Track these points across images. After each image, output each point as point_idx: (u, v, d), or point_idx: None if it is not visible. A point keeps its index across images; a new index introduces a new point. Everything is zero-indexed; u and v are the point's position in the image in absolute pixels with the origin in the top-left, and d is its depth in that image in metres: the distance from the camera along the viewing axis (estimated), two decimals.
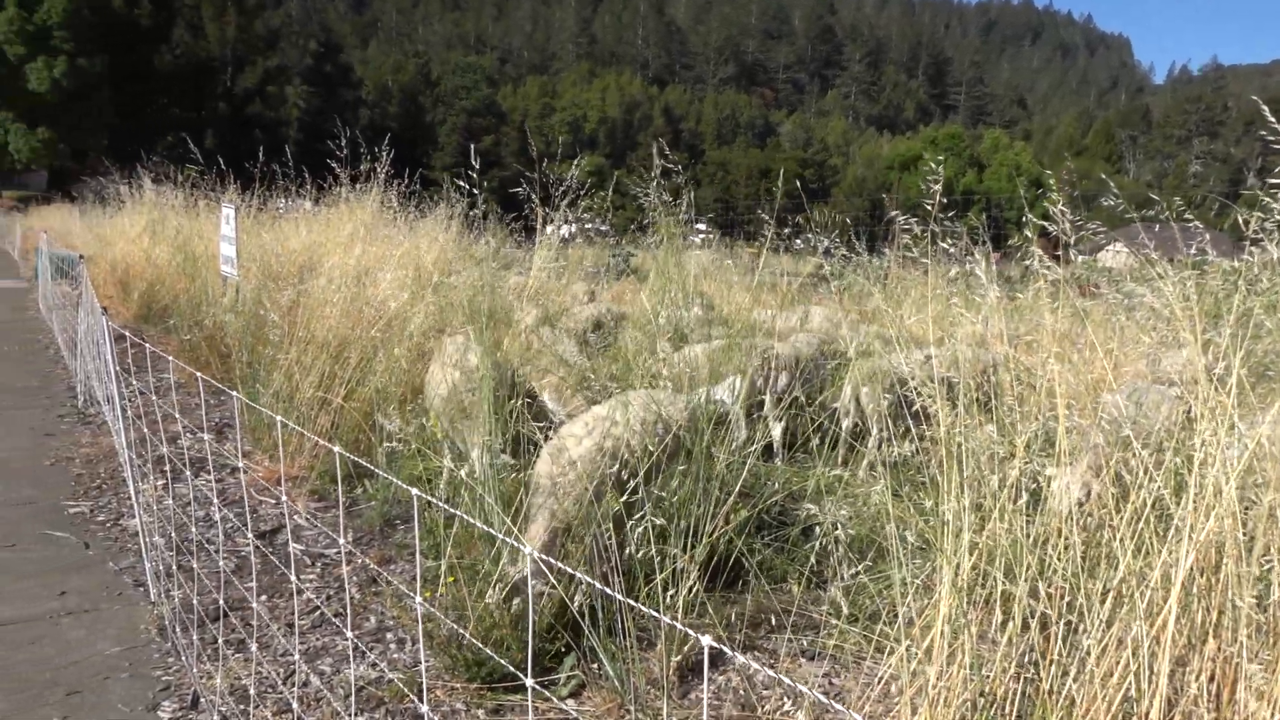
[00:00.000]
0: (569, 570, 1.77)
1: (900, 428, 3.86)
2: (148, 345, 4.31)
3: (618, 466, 3.63)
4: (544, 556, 2.92)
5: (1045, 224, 3.18)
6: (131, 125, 56.81)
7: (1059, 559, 2.29)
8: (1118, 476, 2.54)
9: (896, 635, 2.42)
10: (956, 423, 2.82)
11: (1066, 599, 2.23)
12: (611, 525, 3.50)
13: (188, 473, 5.42)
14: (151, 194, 14.44)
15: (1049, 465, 2.63)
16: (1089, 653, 2.08)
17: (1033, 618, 2.28)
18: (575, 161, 7.27)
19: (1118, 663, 2.05)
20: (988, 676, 2.25)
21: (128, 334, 5.59)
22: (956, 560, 2.31)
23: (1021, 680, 2.24)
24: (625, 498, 3.51)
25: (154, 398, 4.97)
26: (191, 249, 11.14)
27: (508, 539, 2.17)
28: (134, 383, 5.88)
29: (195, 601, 3.97)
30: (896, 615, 2.71)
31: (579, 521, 3.53)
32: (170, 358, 3.96)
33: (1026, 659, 2.28)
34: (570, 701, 3.32)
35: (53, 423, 7.54)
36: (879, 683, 2.74)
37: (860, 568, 3.25)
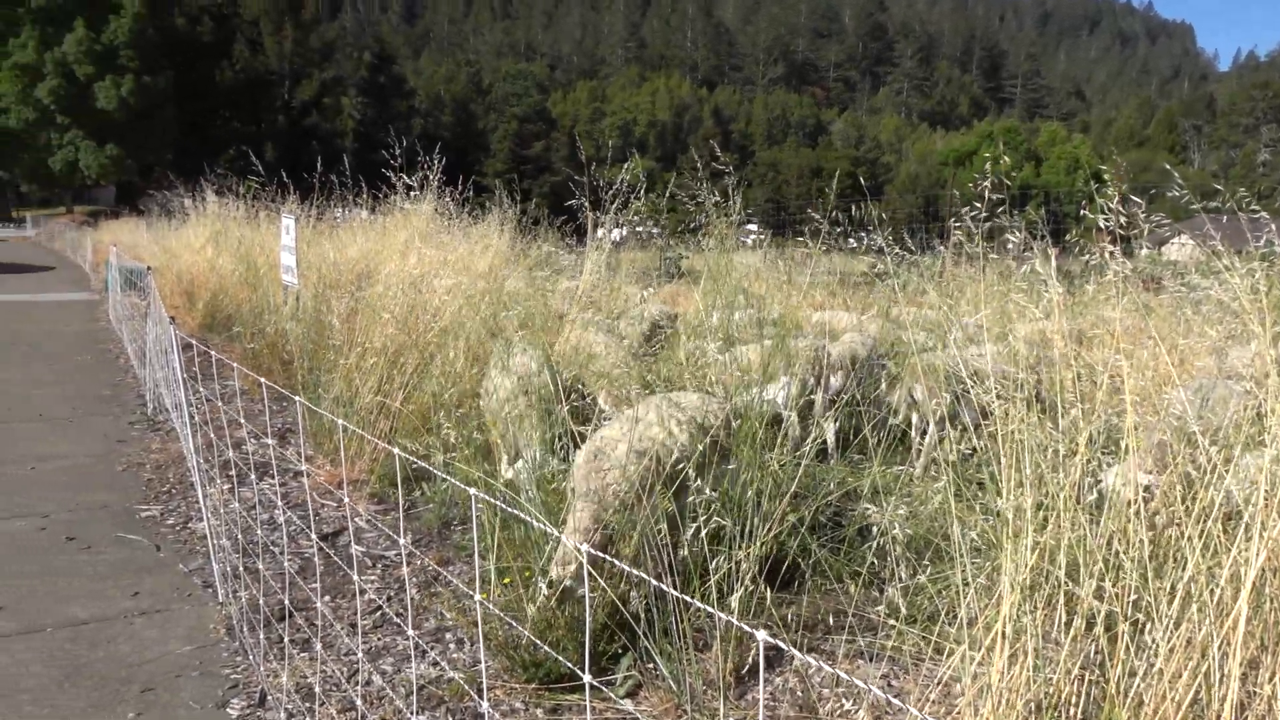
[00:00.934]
0: (623, 567, 1.78)
1: (958, 426, 3.81)
2: (213, 353, 4.43)
3: (654, 467, 3.64)
4: (590, 550, 2.94)
5: (1106, 216, 3.11)
6: (195, 140, 58.42)
7: (1126, 556, 2.23)
8: (1184, 475, 2.48)
9: (957, 636, 2.38)
10: (1017, 420, 2.78)
11: (1134, 598, 2.18)
12: (665, 526, 3.51)
13: (252, 477, 5.57)
14: (214, 206, 14.86)
15: (1113, 462, 2.57)
16: (1157, 653, 2.03)
17: (1097, 617, 2.23)
18: (625, 165, 7.28)
19: (1187, 663, 2.00)
20: (1051, 677, 2.21)
21: (194, 343, 5.76)
22: (1018, 559, 2.27)
23: (1086, 681, 2.19)
24: (675, 497, 3.52)
25: (220, 404, 5.11)
26: (253, 259, 11.43)
27: (548, 538, 2.18)
28: (200, 390, 6.05)
29: (261, 602, 4.07)
30: (955, 616, 2.68)
31: (623, 523, 3.54)
32: (235, 364, 4.07)
33: (1091, 659, 2.23)
34: (627, 701, 3.34)
35: (124, 429, 7.79)
36: (938, 684, 2.71)
37: (919, 568, 3.21)
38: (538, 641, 3.19)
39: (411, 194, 8.97)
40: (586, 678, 1.71)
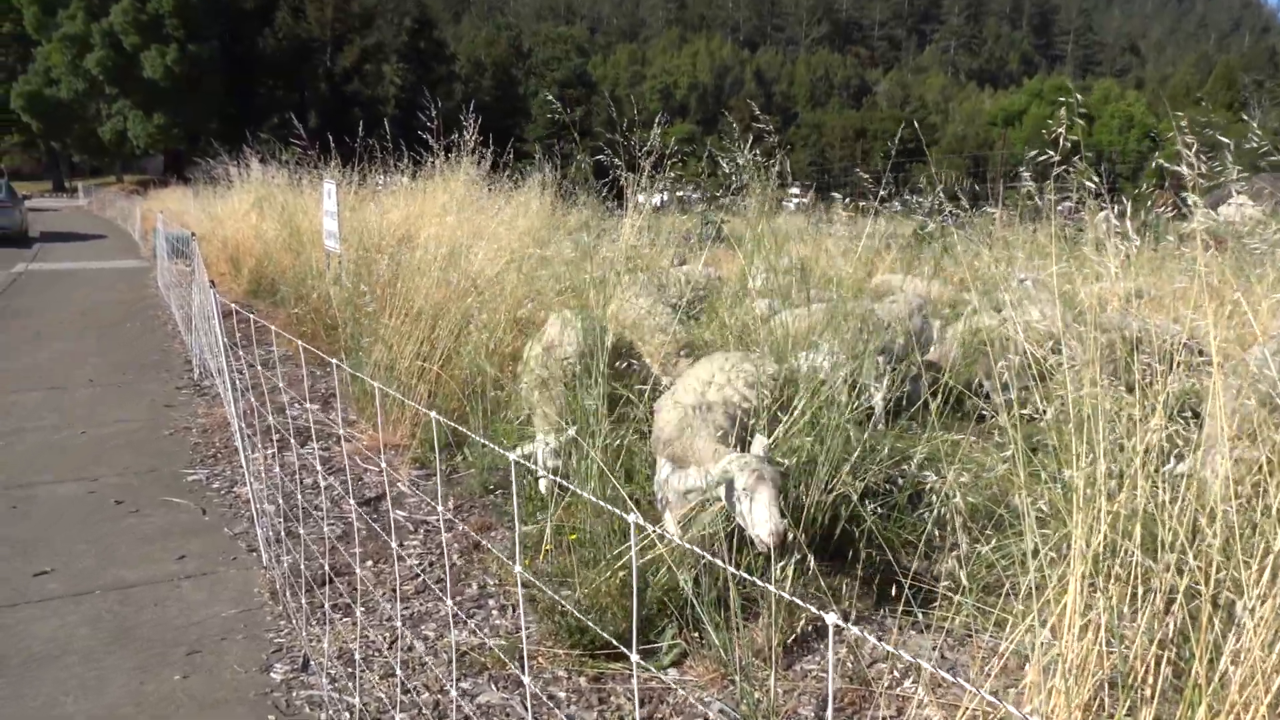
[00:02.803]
0: (688, 547, 1.68)
1: (1019, 390, 3.64)
2: (253, 318, 4.39)
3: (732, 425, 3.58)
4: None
5: (1173, 166, 2.91)
6: (240, 109, 58.84)
7: (1208, 530, 2.08)
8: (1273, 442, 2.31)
9: (1023, 608, 2.26)
10: (1086, 384, 2.62)
11: (1219, 573, 2.03)
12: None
13: (294, 442, 5.56)
14: (258, 173, 14.92)
15: (1188, 430, 2.41)
16: (1244, 628, 1.89)
17: (1178, 592, 2.09)
18: (657, 122, 7.06)
19: (1278, 643, 1.86)
20: (1127, 652, 2.08)
21: (235, 308, 5.75)
22: (1088, 526, 2.13)
23: (1164, 659, 2.06)
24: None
25: (261, 370, 5.10)
26: (296, 224, 11.45)
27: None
28: (244, 356, 6.05)
29: (303, 567, 4.05)
30: (1016, 588, 2.55)
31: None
32: (273, 328, 4.02)
33: (1170, 635, 2.09)
34: (672, 671, 3.26)
35: (171, 395, 7.86)
36: (999, 657, 2.59)
37: (981, 537, 3.08)
38: (579, 616, 3.12)
39: (450, 158, 8.90)
40: (633, 655, 1.62)
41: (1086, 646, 2.08)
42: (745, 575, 1.54)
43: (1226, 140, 3.21)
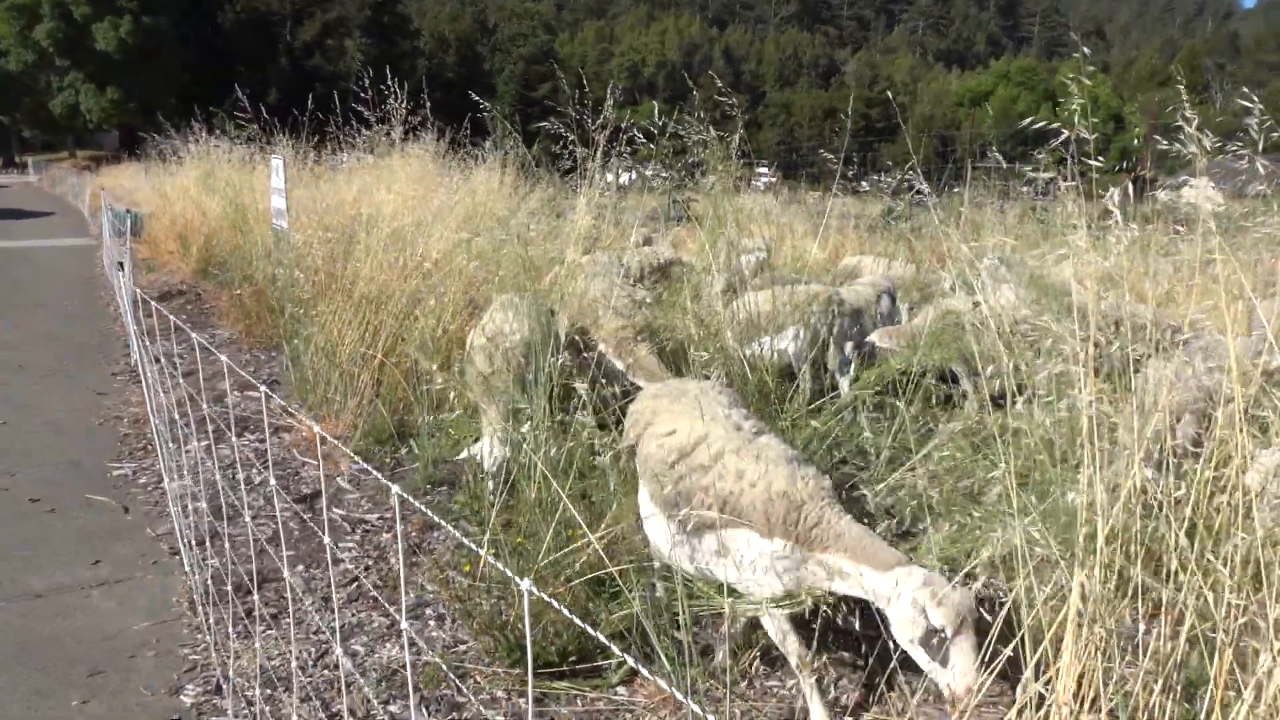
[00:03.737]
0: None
1: (991, 378, 3.41)
2: (155, 306, 4.04)
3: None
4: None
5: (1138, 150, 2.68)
6: (197, 83, 57.32)
7: (1214, 555, 1.84)
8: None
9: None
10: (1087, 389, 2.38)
11: (1239, 603, 1.79)
12: None
13: (230, 434, 5.22)
14: (208, 149, 14.37)
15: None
16: (1270, 673, 1.65)
17: (1185, 621, 1.84)
18: (610, 92, 6.69)
19: None
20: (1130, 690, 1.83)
21: (144, 296, 5.38)
22: (1091, 554, 1.87)
23: (1171, 700, 1.82)
24: None
25: (189, 360, 4.75)
26: (241, 202, 11.00)
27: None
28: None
29: (227, 574, 3.74)
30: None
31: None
32: (182, 324, 3.69)
33: (1176, 675, 1.85)
34: (621, 690, 3.00)
35: (106, 381, 7.46)
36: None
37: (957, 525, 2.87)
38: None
39: (409, 137, 8.52)
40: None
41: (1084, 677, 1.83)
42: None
43: (1191, 118, 2.99)
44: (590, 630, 1.30)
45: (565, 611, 1.30)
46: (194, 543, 4.00)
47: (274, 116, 11.41)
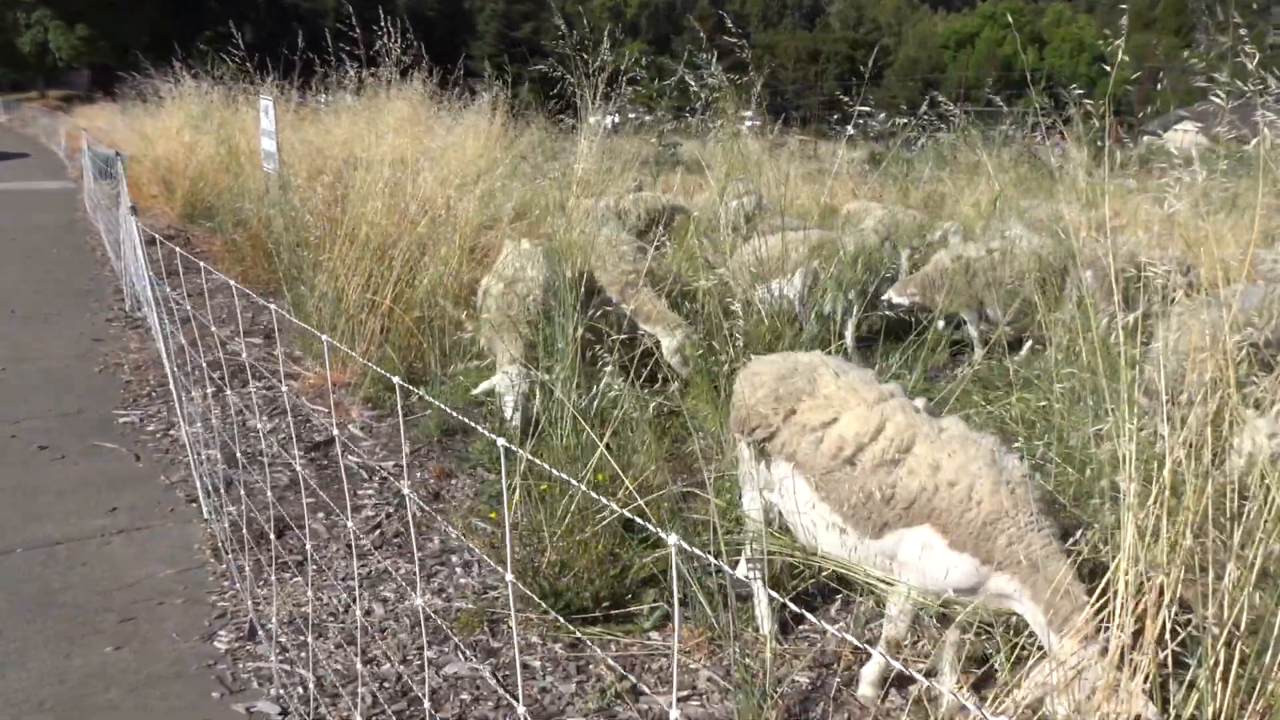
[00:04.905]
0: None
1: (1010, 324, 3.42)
2: (178, 250, 3.97)
3: None
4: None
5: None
6: (172, 21, 55.74)
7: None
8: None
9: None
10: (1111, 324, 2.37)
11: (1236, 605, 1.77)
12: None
13: (240, 381, 5.18)
14: (191, 89, 14.02)
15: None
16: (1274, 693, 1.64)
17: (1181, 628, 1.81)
18: (606, 39, 6.52)
19: None
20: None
21: (158, 237, 5.28)
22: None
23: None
24: None
25: (199, 302, 4.68)
26: (233, 143, 10.77)
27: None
28: (183, 285, 5.59)
29: (247, 521, 3.73)
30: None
31: None
32: (204, 265, 3.62)
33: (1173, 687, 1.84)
34: (655, 634, 3.03)
35: (101, 327, 7.35)
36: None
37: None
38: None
39: (394, 77, 8.33)
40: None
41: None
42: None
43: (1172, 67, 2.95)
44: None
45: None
46: (212, 489, 3.98)
47: (253, 55, 11.13)
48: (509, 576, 1.42)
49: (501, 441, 1.45)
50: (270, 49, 11.07)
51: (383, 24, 8.01)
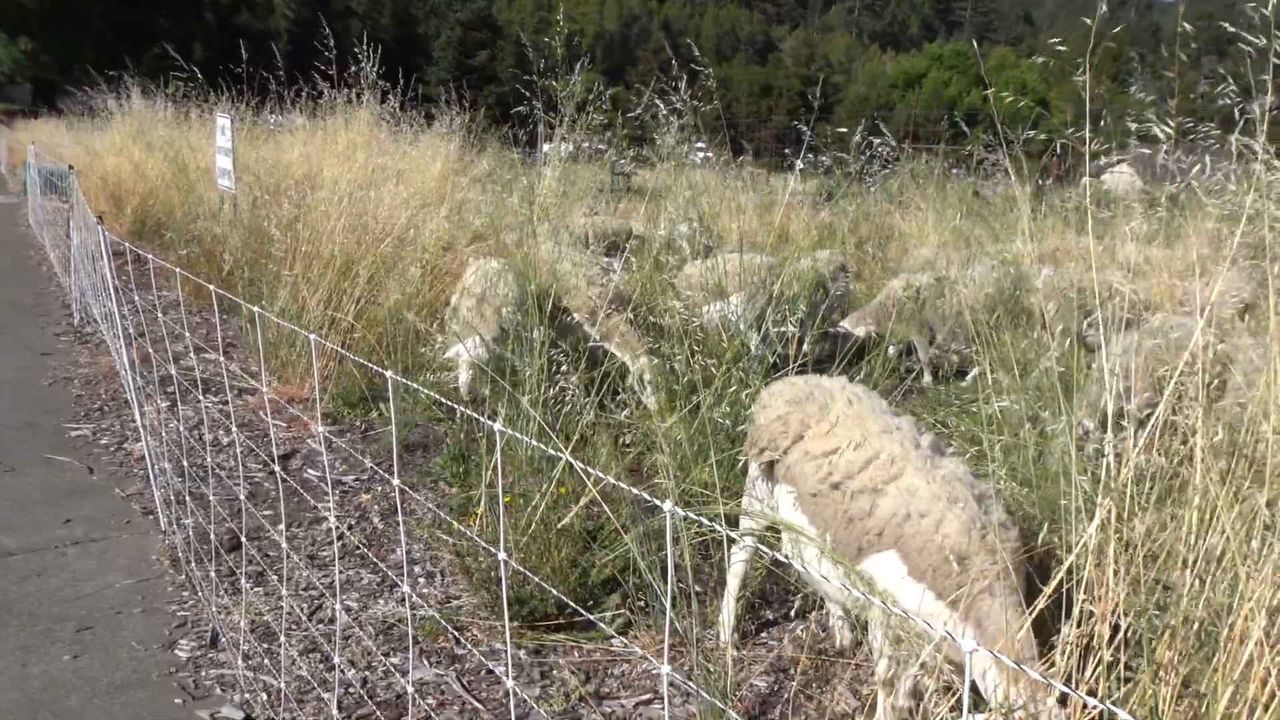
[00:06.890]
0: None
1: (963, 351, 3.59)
2: (150, 258, 3.99)
3: None
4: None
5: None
6: (118, 37, 54.94)
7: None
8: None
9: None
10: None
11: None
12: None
13: (192, 397, 5.16)
14: (140, 105, 13.89)
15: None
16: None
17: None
18: (577, 66, 6.68)
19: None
20: None
21: (127, 247, 5.26)
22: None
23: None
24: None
25: (154, 316, 4.68)
26: (183, 160, 10.70)
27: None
28: (137, 299, 5.55)
29: (211, 530, 3.73)
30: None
31: None
32: (178, 270, 3.65)
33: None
34: (617, 641, 3.11)
35: (49, 341, 7.25)
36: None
37: None
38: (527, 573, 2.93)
39: (349, 99, 8.38)
40: None
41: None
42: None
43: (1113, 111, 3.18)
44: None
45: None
46: (171, 501, 3.97)
47: (205, 74, 11.08)
48: (501, 555, 1.50)
49: (497, 425, 1.54)
50: (220, 69, 11.03)
51: (333, 47, 8.06)
